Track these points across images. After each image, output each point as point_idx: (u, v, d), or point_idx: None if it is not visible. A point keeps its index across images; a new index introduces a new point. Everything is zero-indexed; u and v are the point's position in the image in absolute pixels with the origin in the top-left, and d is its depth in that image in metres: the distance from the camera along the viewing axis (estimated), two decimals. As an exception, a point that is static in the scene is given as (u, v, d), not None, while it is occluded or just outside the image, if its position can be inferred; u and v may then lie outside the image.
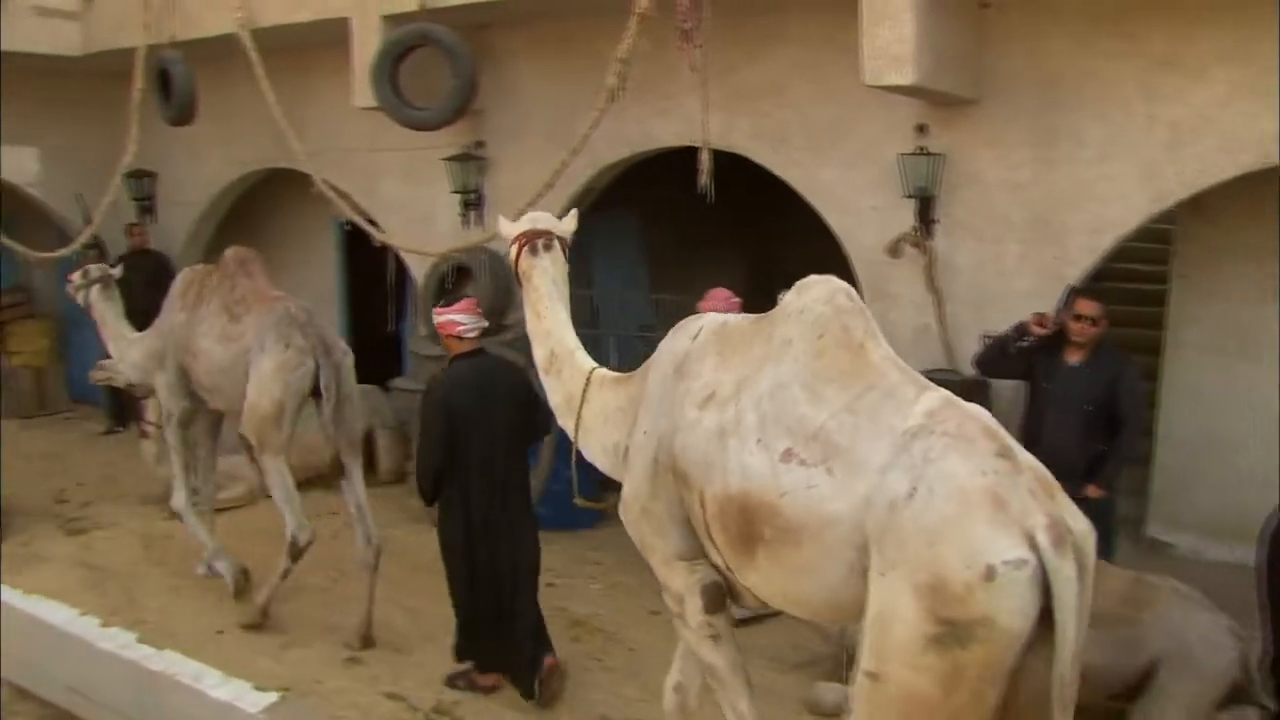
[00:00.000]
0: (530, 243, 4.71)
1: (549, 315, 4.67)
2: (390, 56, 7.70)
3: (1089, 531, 3.24)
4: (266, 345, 6.41)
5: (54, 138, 11.56)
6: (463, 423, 5.45)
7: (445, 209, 9.20)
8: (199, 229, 11.86)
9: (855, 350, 3.64)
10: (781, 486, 3.52)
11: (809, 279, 3.89)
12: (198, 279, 7.21)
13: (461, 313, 5.61)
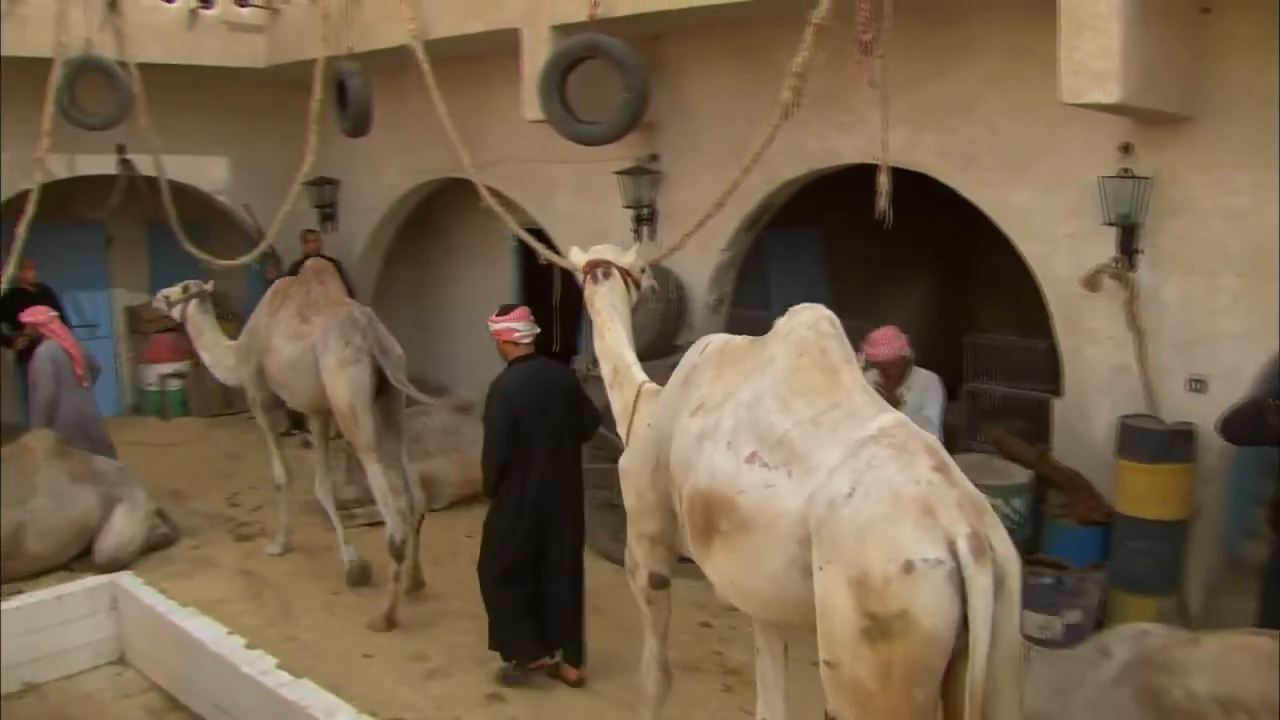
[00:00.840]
0: (592, 272, 5.45)
1: (610, 335, 5.32)
2: (558, 69, 7.60)
3: (1013, 555, 3.52)
4: (329, 344, 7.17)
5: (241, 147, 12.03)
6: (524, 418, 5.99)
7: (618, 224, 9.07)
8: (378, 236, 12.11)
9: (829, 371, 4.03)
10: (740, 485, 3.93)
11: (800, 305, 4.32)
12: (284, 288, 8.02)
13: (518, 320, 6.21)
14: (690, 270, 8.67)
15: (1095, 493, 6.54)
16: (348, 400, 7.13)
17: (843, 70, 6.12)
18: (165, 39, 10.48)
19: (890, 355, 6.17)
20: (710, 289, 8.68)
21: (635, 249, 5.70)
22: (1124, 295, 6.49)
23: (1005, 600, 3.44)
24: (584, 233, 9.47)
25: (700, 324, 8.74)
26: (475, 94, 9.94)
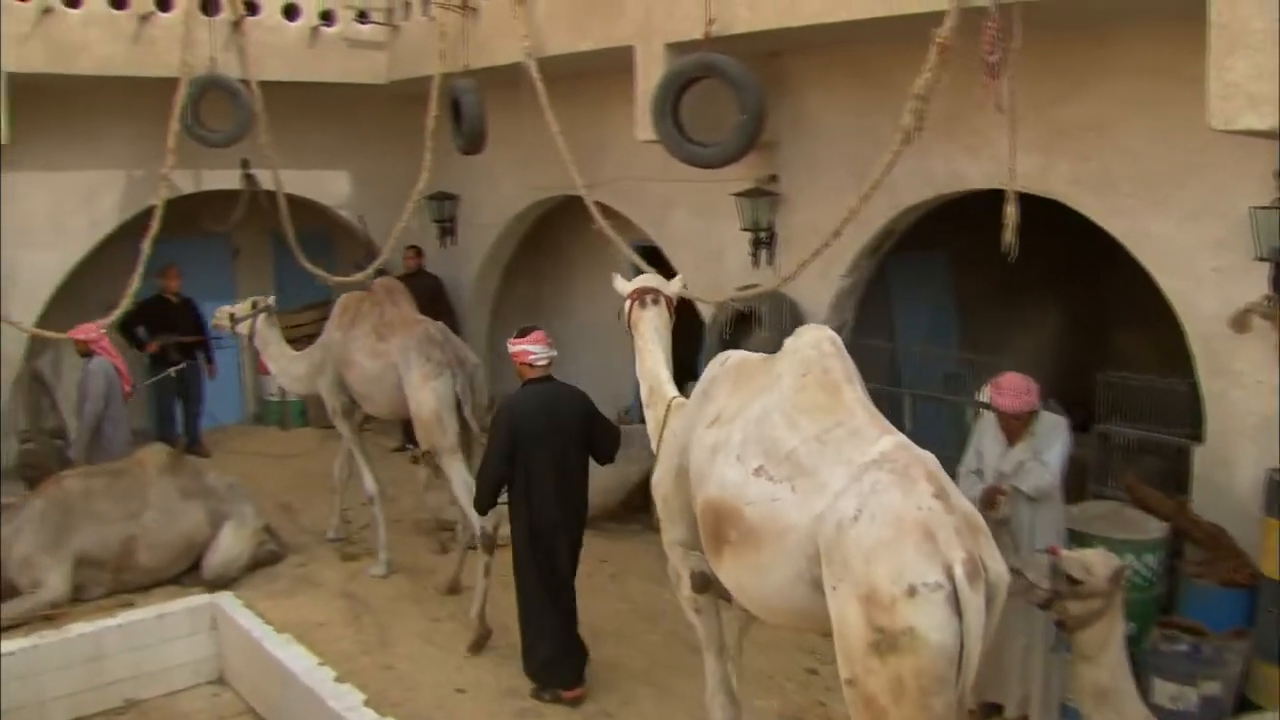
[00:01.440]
0: (639, 298, 5.86)
1: (649, 357, 5.74)
2: (671, 89, 7.41)
3: (1004, 573, 3.95)
4: (411, 361, 7.78)
5: (362, 161, 12.18)
6: (526, 440, 6.23)
7: (735, 246, 8.84)
8: (496, 251, 12.10)
9: (832, 390, 4.36)
10: (748, 497, 4.28)
11: (805, 326, 4.82)
12: (353, 304, 8.60)
13: (533, 343, 6.40)
14: (809, 297, 8.39)
15: (1239, 551, 6.05)
16: (434, 410, 7.65)
17: (969, 89, 5.85)
18: (287, 56, 10.67)
19: (1018, 408, 5.78)
20: (830, 316, 8.38)
21: (680, 280, 6.17)
22: (1275, 337, 6.00)
23: (994, 615, 3.92)
24: (700, 255, 9.32)
25: (818, 353, 8.45)
26: (592, 110, 9.84)
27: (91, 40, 9.70)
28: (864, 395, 4.41)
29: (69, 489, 8.11)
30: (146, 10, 9.91)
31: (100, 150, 10.77)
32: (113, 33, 9.80)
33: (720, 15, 7.24)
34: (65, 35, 9.61)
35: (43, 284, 10.68)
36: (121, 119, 10.70)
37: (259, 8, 10.52)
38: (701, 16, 7.29)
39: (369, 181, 12.19)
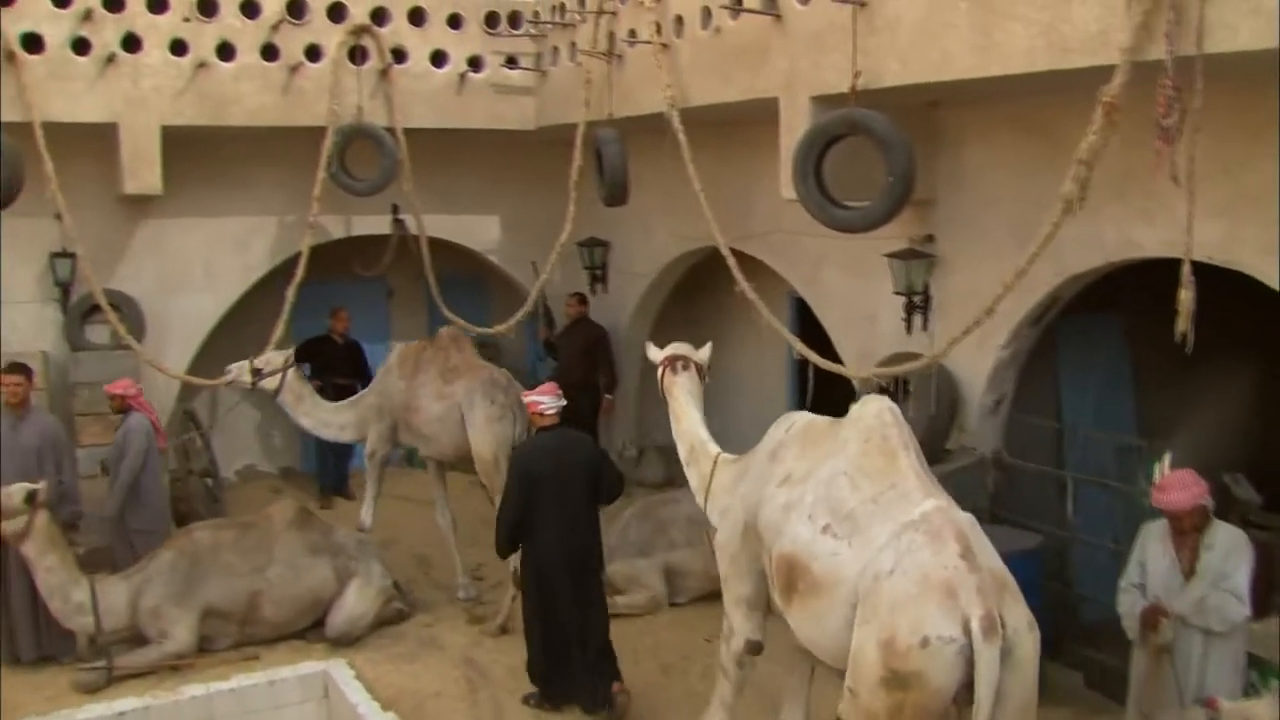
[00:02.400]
0: (671, 364, 6.56)
1: (686, 419, 6.43)
2: (813, 147, 6.96)
3: (1025, 628, 4.35)
4: (475, 403, 8.50)
5: (512, 206, 12.11)
6: (538, 484, 6.72)
7: (889, 308, 8.31)
8: (647, 300, 11.82)
9: (890, 455, 4.88)
10: (815, 552, 4.83)
11: (869, 396, 5.40)
12: (413, 354, 9.15)
13: (543, 394, 6.97)
14: (964, 367, 7.80)
15: None
16: (493, 451, 8.37)
17: (1145, 145, 5.24)
18: (434, 103, 10.67)
19: (1184, 504, 5.18)
20: (988, 389, 7.77)
21: (708, 347, 6.81)
22: None
23: (1016, 667, 4.29)
24: (851, 315, 8.83)
25: (976, 427, 7.85)
26: (743, 158, 9.47)
27: (243, 92, 9.89)
28: (916, 461, 4.93)
29: (198, 541, 8.16)
30: (296, 61, 10.05)
31: (252, 197, 10.98)
32: (263, 84, 9.98)
33: (868, 68, 6.77)
34: (218, 88, 9.84)
35: (196, 328, 10.94)
36: (272, 166, 10.88)
37: (406, 55, 10.54)
38: (849, 68, 6.83)
39: (519, 226, 12.09)
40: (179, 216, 10.69)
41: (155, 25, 9.58)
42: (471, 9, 10.68)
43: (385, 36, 10.34)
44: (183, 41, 9.70)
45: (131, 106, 9.55)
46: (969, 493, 7.63)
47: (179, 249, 10.82)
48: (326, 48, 10.13)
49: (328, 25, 10.13)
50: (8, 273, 10.29)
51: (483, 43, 10.73)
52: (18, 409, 7.98)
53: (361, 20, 10.20)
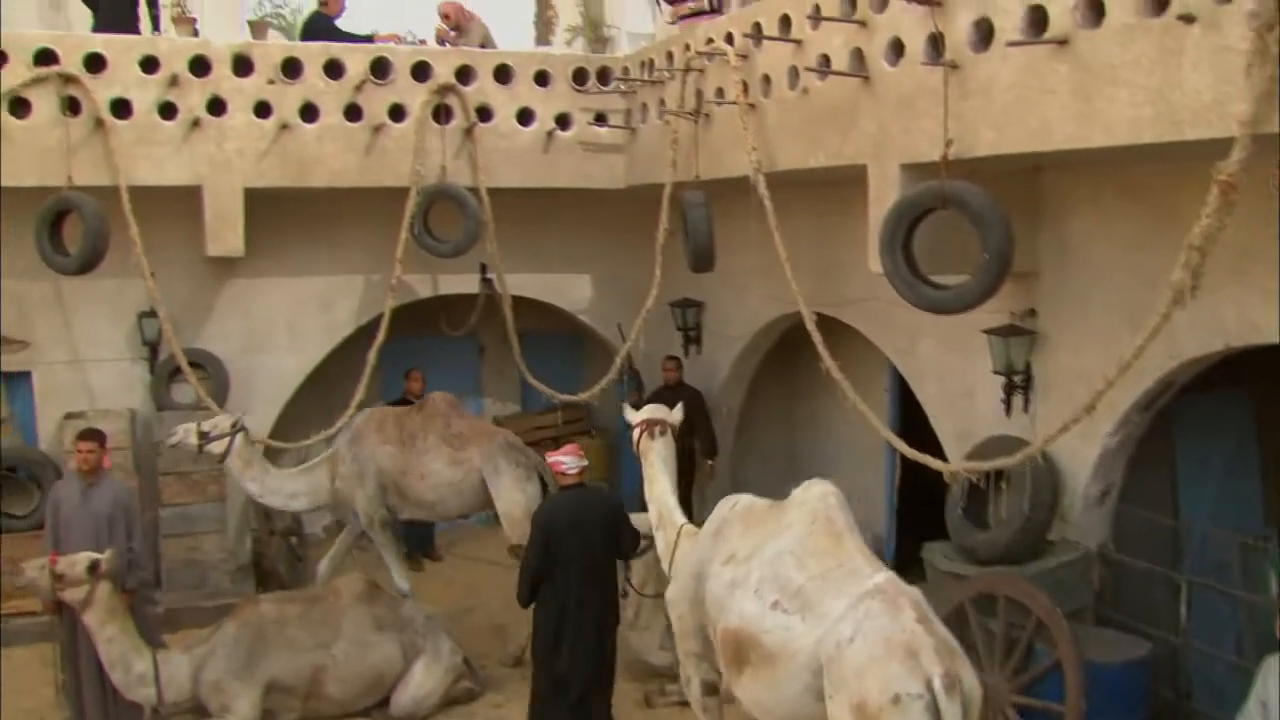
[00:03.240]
0: (649, 429, 6.95)
1: (658, 485, 6.84)
2: (901, 221, 6.45)
3: (977, 687, 4.91)
4: (500, 466, 8.80)
5: (604, 265, 11.84)
6: (558, 539, 6.92)
7: (988, 386, 7.75)
8: (742, 364, 11.38)
9: (836, 537, 5.30)
10: (766, 626, 5.18)
11: (812, 481, 5.68)
12: (390, 420, 9.19)
13: (566, 455, 7.17)
14: (1068, 453, 7.18)
15: None
16: (525, 510, 8.55)
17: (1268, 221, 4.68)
18: (521, 162, 10.45)
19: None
20: (1093, 478, 7.14)
21: (679, 409, 7.32)
22: None
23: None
24: (949, 392, 8.30)
25: (1079, 519, 7.22)
26: (836, 221, 9.02)
27: (326, 153, 9.81)
28: (861, 542, 5.38)
29: (263, 614, 7.99)
30: (379, 121, 9.92)
31: (337, 256, 10.90)
32: (346, 145, 9.89)
33: (961, 135, 6.27)
34: (300, 149, 9.78)
35: (280, 388, 10.87)
36: (358, 224, 10.78)
37: (492, 114, 10.33)
38: (940, 135, 6.34)
39: (611, 285, 11.77)
40: (264, 276, 10.66)
41: (240, 88, 9.57)
42: (559, 66, 10.47)
43: (470, 95, 10.17)
44: (266, 103, 9.66)
45: (215, 169, 9.54)
46: (1071, 590, 7.03)
47: (264, 308, 10.78)
48: (410, 107, 10.00)
49: (412, 85, 10.00)
50: (98, 331, 10.40)
51: (571, 100, 10.49)
52: (90, 475, 7.87)
53: (446, 79, 10.04)
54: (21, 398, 10.43)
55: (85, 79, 9.17)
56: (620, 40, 10.82)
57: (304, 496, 9.22)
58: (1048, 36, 5.70)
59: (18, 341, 10.26)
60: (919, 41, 6.61)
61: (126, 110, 9.39)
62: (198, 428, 8.86)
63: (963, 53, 6.25)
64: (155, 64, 9.41)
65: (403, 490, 9.07)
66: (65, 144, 9.13)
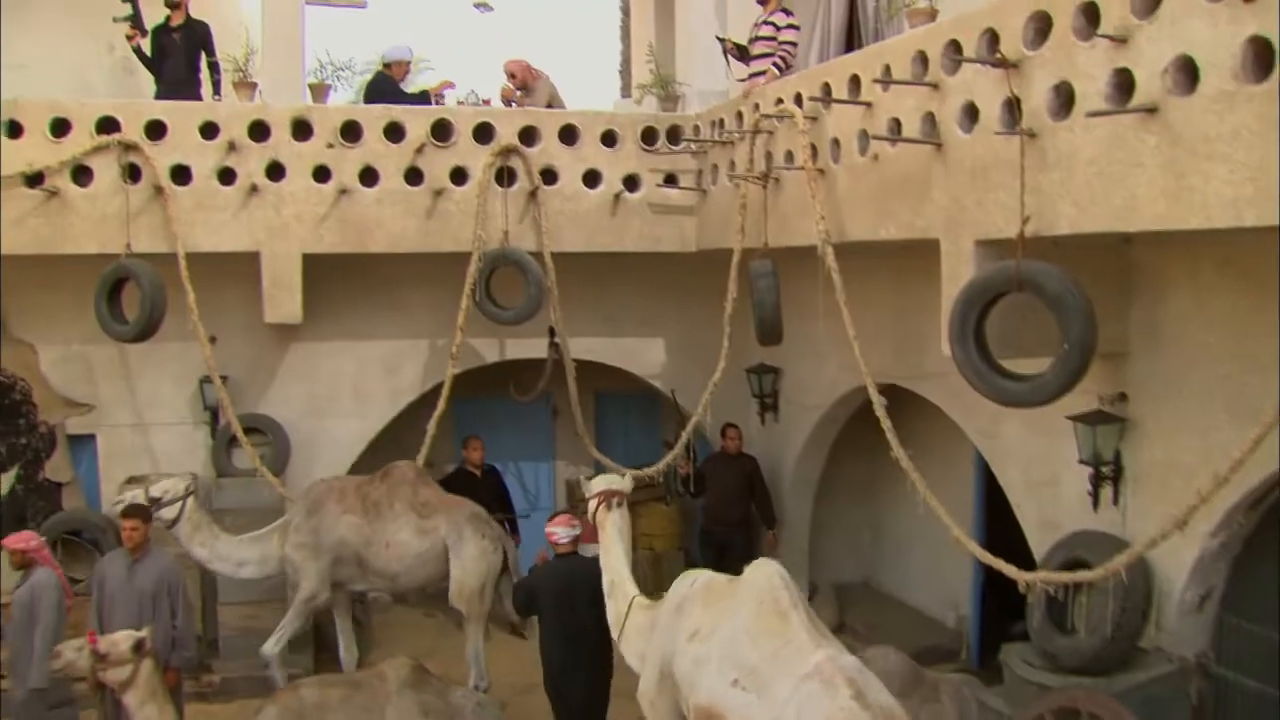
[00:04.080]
0: (606, 500, 7.09)
1: (613, 555, 6.93)
2: (972, 305, 5.89)
3: None
4: (466, 536, 8.68)
5: (676, 329, 11.41)
6: (543, 605, 7.46)
7: (1074, 474, 7.09)
8: (819, 434, 10.79)
9: (782, 615, 5.55)
10: (729, 704, 5.52)
11: (759, 561, 5.98)
12: (351, 487, 8.93)
13: (559, 526, 7.57)
14: (1163, 552, 6.48)
15: None
16: (481, 582, 8.65)
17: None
18: (587, 225, 10.07)
19: None
20: (1191, 581, 6.44)
21: (629, 477, 7.66)
22: None
23: None
24: (1033, 478, 7.68)
25: (1175, 626, 6.52)
26: (916, 289, 8.43)
27: (385, 218, 9.55)
28: (805, 617, 5.50)
29: (304, 699, 7.54)
30: (440, 185, 9.63)
31: (401, 319, 10.65)
32: (406, 209, 9.62)
33: (1039, 210, 5.70)
34: (360, 214, 9.54)
35: (343, 453, 10.63)
36: (422, 287, 10.51)
37: (557, 176, 9.97)
38: (1018, 209, 5.78)
39: (683, 349, 11.31)
40: (327, 339, 10.45)
41: (299, 153, 9.37)
42: (627, 125, 10.07)
43: (534, 156, 9.82)
44: (325, 168, 9.46)
45: (272, 235, 9.35)
46: (1165, 709, 6.36)
47: (328, 373, 10.57)
48: (473, 170, 9.68)
49: (474, 147, 9.70)
50: (161, 395, 10.30)
51: (639, 160, 10.07)
52: (135, 551, 7.67)
53: (509, 140, 9.71)
54: (86, 461, 10.38)
55: (145, 146, 9.08)
56: (691, 98, 10.35)
57: (253, 565, 8.85)
58: (1135, 104, 5.14)
59: (83, 405, 10.22)
60: (994, 107, 6.09)
61: (185, 176, 9.27)
62: (146, 492, 8.46)
63: (1041, 120, 5.72)
64: (215, 129, 9.28)
65: (365, 561, 8.79)
66: (125, 211, 9.03)
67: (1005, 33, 6.00)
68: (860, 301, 7.98)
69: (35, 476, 10.17)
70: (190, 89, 9.90)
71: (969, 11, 6.37)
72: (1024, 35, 5.87)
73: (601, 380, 11.75)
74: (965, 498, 10.14)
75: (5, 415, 10.11)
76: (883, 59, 7.14)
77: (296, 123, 9.40)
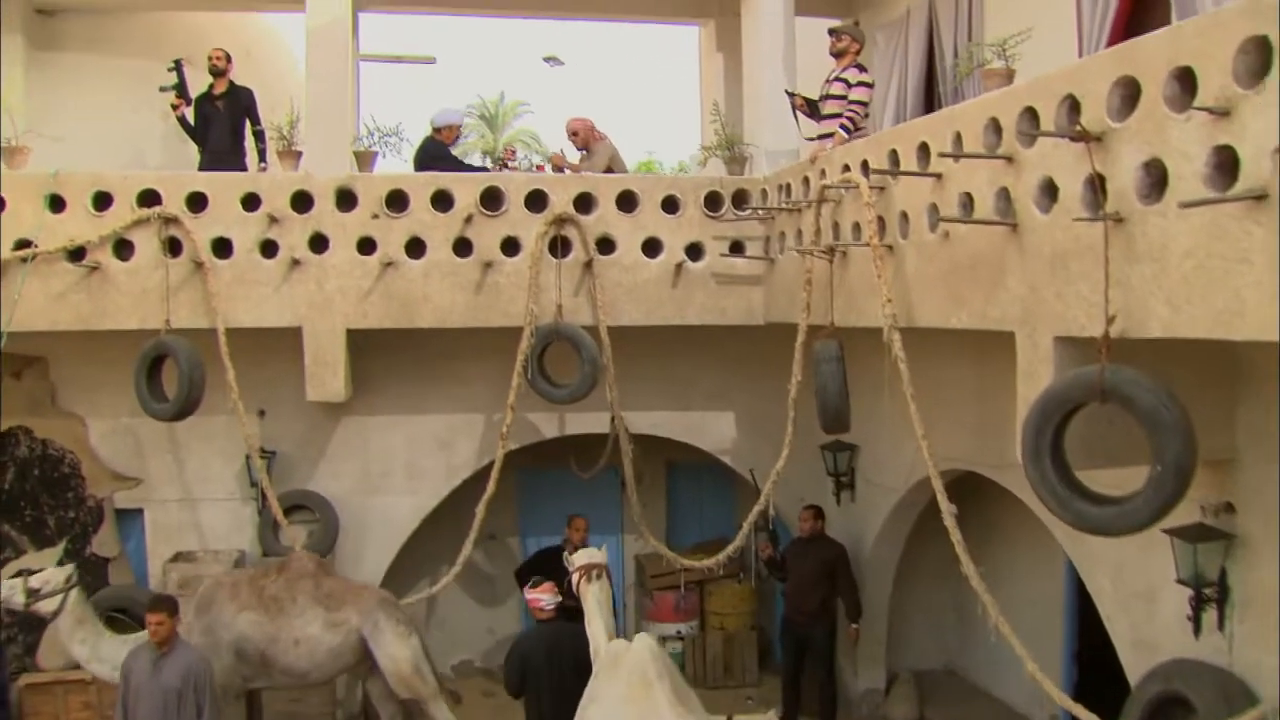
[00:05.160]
0: (587, 573, 7.64)
1: (594, 623, 7.43)
2: (1049, 419, 5.06)
3: None
4: (381, 624, 8.34)
5: (746, 400, 10.68)
6: (532, 670, 7.69)
7: (1172, 593, 6.19)
8: (896, 517, 9.96)
9: (647, 686, 6.51)
10: None
11: (639, 636, 7.09)
12: (245, 583, 8.38)
13: (543, 594, 7.82)
14: (1265, 675, 5.60)
15: None
16: (413, 665, 8.38)
17: None
18: (647, 297, 9.39)
19: None
20: (1310, 724, 5.53)
21: (605, 549, 8.07)
22: None
23: None
24: (1126, 590, 6.82)
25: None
26: (1000, 370, 7.51)
27: (433, 291, 9.02)
28: (670, 689, 6.47)
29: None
30: (491, 256, 9.07)
31: (456, 394, 10.11)
32: (455, 282, 9.06)
33: (1129, 307, 4.89)
34: (406, 288, 9.03)
35: (395, 532, 10.13)
36: (478, 360, 9.95)
37: (614, 245, 9.31)
38: (1100, 305, 4.99)
39: (756, 423, 10.53)
40: (379, 414, 9.97)
41: (342, 223, 8.89)
42: (690, 190, 9.38)
43: (590, 225, 9.18)
44: (370, 239, 8.96)
45: (315, 310, 8.87)
46: None
47: (379, 448, 10.07)
48: (524, 240, 9.09)
49: (526, 215, 9.10)
50: (209, 469, 9.91)
51: (703, 227, 9.38)
52: (162, 646, 7.28)
53: (563, 208, 9.09)
54: (134, 536, 10.03)
55: (186, 219, 8.68)
56: (759, 158, 9.63)
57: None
58: (1240, 190, 4.31)
59: (131, 479, 9.89)
60: (1075, 186, 5.28)
61: (227, 249, 8.86)
62: (25, 584, 7.90)
63: (1129, 203, 4.89)
64: (256, 201, 8.86)
65: (269, 659, 8.22)
66: (165, 286, 8.65)
67: (1087, 100, 5.19)
68: (936, 380, 7.25)
69: (82, 551, 9.83)
70: (234, 158, 9.55)
71: (1047, 75, 5.60)
72: (1108, 104, 5.05)
73: (674, 450, 11.07)
74: (1056, 593, 9.24)
75: (53, 488, 9.82)
76: (954, 125, 6.38)
77: (340, 192, 8.92)
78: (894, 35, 10.44)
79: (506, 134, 49.97)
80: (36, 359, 9.74)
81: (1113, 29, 7.52)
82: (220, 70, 9.65)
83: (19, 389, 9.74)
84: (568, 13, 12.20)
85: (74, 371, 9.79)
